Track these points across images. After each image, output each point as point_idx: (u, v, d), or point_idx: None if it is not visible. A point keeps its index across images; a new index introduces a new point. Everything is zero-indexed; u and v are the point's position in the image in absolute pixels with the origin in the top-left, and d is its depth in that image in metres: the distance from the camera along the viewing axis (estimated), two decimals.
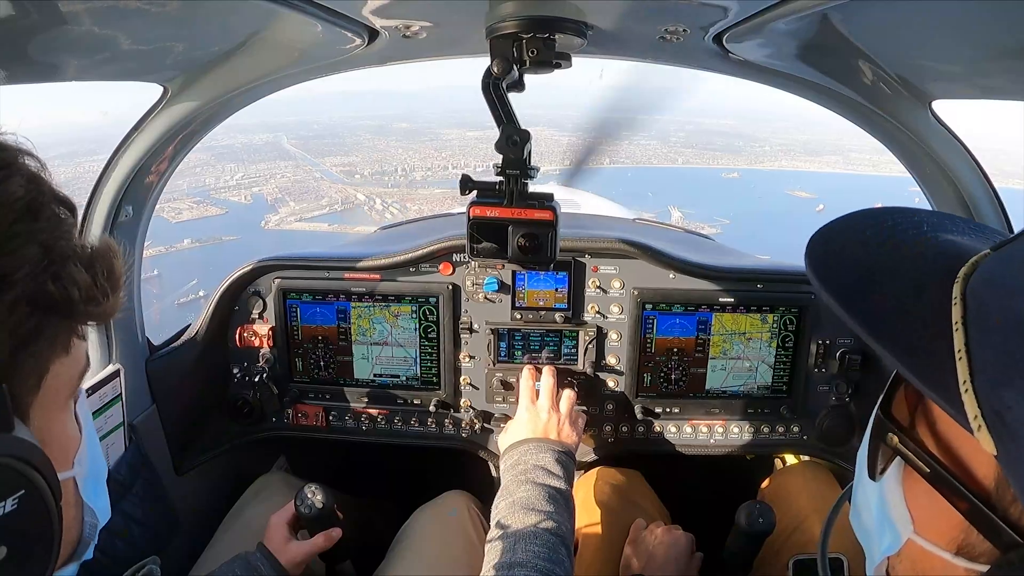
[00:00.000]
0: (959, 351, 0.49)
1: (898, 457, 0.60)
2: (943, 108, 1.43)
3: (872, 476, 0.64)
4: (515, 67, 1.24)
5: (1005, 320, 0.48)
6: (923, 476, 0.55)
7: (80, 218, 1.53)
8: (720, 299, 1.93)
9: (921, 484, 0.56)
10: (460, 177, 1.43)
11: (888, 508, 0.61)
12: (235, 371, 2.06)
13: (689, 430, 2.06)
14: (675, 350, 1.98)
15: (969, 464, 0.52)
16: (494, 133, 1.36)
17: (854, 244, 0.64)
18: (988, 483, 0.50)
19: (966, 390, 0.47)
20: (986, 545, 0.50)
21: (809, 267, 0.63)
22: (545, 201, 1.42)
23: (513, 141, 1.33)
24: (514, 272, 1.94)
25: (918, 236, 0.63)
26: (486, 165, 1.47)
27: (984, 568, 0.51)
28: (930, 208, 1.71)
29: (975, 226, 0.67)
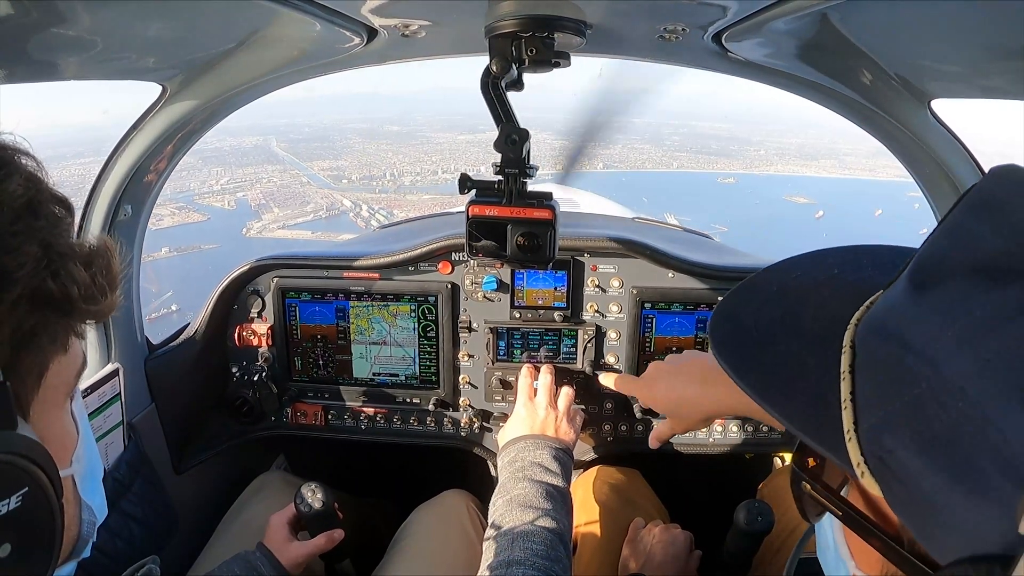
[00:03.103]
0: (844, 400, 0.51)
1: None
2: (943, 107, 1.43)
3: (807, 520, 0.67)
4: (514, 66, 1.24)
5: (881, 370, 0.49)
6: (839, 519, 0.58)
7: (79, 217, 1.54)
8: (719, 298, 1.92)
9: None
10: (459, 176, 1.43)
11: (836, 544, 0.64)
12: (234, 370, 2.06)
13: None
14: (674, 349, 1.98)
15: (879, 504, 0.54)
16: (485, 136, 1.36)
17: (754, 305, 0.66)
18: (895, 520, 0.52)
19: (850, 439, 0.49)
20: None
21: (711, 338, 0.64)
22: (544, 200, 1.42)
23: (512, 140, 1.33)
24: (513, 271, 1.94)
25: (826, 280, 0.64)
26: (477, 169, 1.46)
27: None
28: (932, 209, 1.71)
29: (897, 253, 0.66)
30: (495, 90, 1.31)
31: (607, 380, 1.64)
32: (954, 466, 0.42)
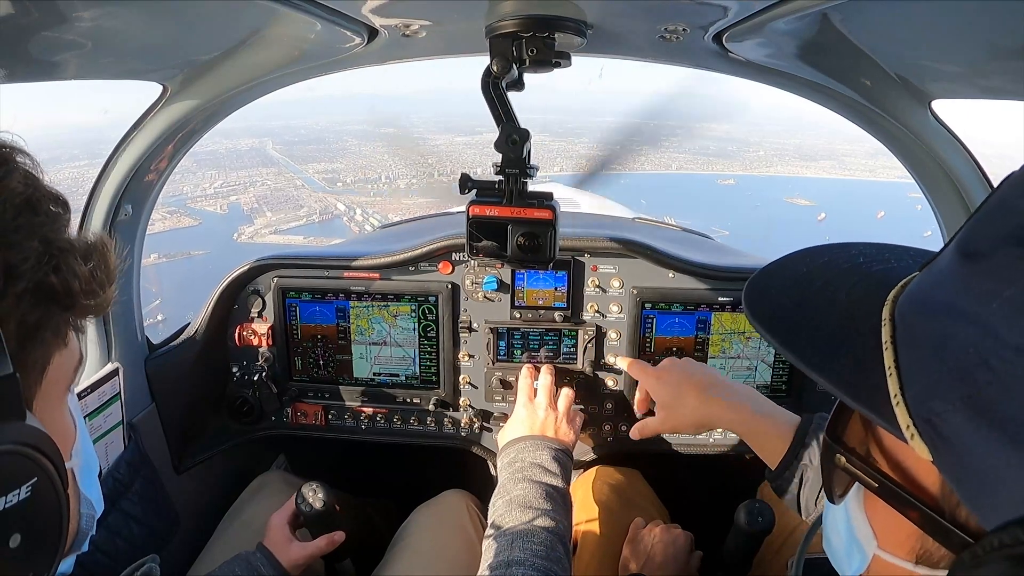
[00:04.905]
0: (889, 368, 0.52)
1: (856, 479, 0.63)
2: (943, 108, 1.43)
3: (831, 499, 0.68)
4: (514, 66, 1.24)
5: (926, 339, 0.51)
6: (873, 491, 0.58)
7: (80, 216, 1.54)
8: (719, 298, 1.93)
9: (879, 501, 0.59)
10: (459, 176, 1.44)
11: (854, 528, 0.64)
12: (234, 370, 2.06)
13: None
14: (674, 349, 1.98)
15: (916, 475, 0.55)
16: (483, 139, 1.36)
17: (789, 281, 0.68)
18: (934, 490, 0.53)
19: (897, 403, 0.51)
20: (942, 551, 0.53)
21: (746, 306, 0.66)
22: (544, 200, 1.42)
23: (513, 140, 1.33)
24: (513, 271, 1.94)
25: (852, 267, 0.66)
26: (475, 172, 1.47)
27: (943, 573, 0.54)
28: (932, 209, 1.71)
29: (915, 253, 0.69)
30: (495, 90, 1.31)
31: (622, 363, 1.79)
32: (1004, 425, 0.43)
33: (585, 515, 1.87)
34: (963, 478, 0.46)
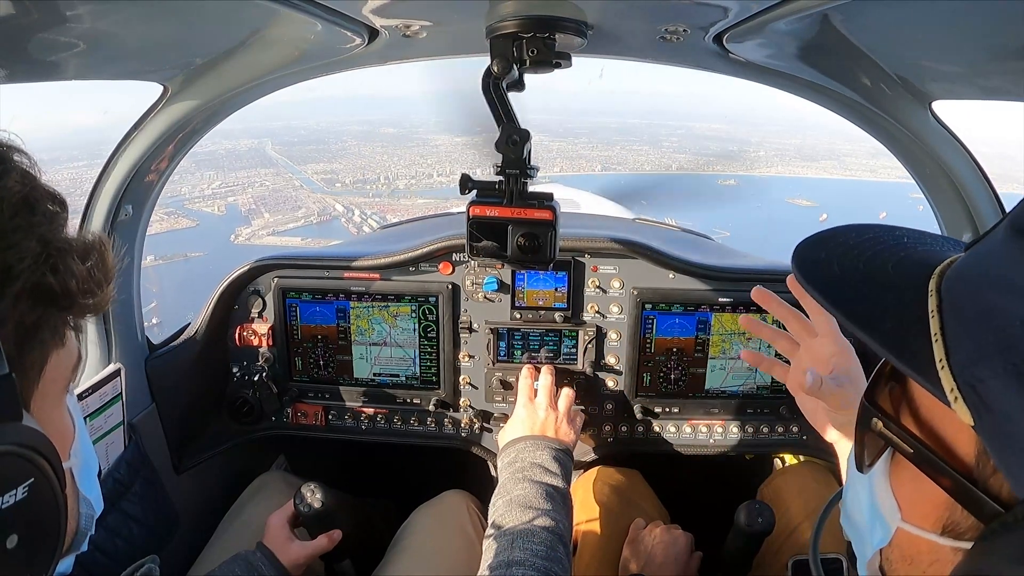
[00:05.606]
0: (935, 335, 0.54)
1: (886, 451, 0.64)
2: (943, 108, 1.43)
3: (860, 468, 0.68)
4: (515, 67, 1.24)
5: (974, 310, 0.53)
6: (907, 457, 0.59)
7: (80, 217, 1.54)
8: (719, 299, 1.93)
9: (906, 472, 0.60)
10: (460, 176, 1.44)
11: (877, 501, 0.65)
12: (235, 370, 2.06)
13: (688, 430, 2.06)
14: (674, 350, 1.98)
15: (951, 443, 0.56)
16: (482, 139, 1.36)
17: (839, 250, 0.69)
18: (969, 459, 0.54)
19: (942, 367, 0.52)
20: (970, 520, 0.54)
21: (796, 269, 0.68)
22: (545, 201, 1.42)
23: (513, 140, 1.33)
24: (514, 271, 1.94)
25: (898, 244, 0.69)
26: (474, 172, 1.47)
27: (969, 544, 0.54)
28: (932, 209, 1.71)
29: (954, 242, 0.71)
30: (496, 90, 1.31)
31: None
32: None
33: (585, 515, 1.87)
34: (1002, 445, 0.47)
